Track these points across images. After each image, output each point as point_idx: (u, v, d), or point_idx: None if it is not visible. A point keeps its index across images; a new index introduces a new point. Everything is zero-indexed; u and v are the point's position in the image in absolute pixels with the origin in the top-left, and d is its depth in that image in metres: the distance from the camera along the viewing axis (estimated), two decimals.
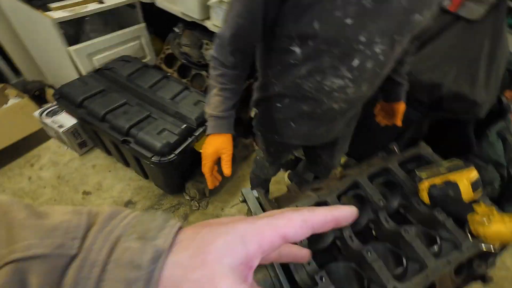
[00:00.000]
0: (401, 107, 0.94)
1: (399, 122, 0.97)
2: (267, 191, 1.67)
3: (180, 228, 0.20)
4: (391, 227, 0.63)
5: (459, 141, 1.48)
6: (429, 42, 1.17)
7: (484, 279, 0.60)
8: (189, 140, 1.31)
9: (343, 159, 1.71)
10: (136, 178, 1.70)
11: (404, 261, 0.59)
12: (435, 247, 0.62)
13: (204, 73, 1.62)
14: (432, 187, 0.63)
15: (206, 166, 0.77)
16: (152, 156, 1.20)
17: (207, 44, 1.55)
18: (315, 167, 1.25)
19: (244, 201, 0.67)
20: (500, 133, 1.63)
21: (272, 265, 0.54)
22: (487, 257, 0.61)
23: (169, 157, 1.22)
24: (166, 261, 0.18)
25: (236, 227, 0.19)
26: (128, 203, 1.59)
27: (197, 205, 1.63)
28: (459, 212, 0.58)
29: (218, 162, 0.77)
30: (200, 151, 1.36)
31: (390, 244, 0.63)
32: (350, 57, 0.62)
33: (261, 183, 1.32)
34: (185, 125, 1.31)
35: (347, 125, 0.98)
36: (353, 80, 0.66)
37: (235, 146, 1.88)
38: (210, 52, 1.56)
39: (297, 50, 0.64)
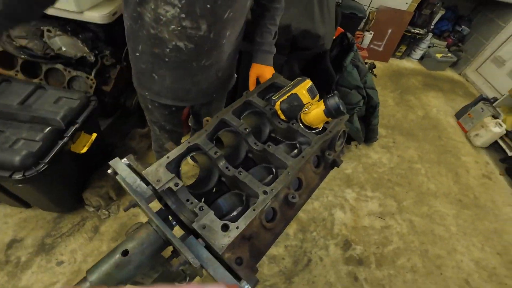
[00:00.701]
0: (252, 70, 0.95)
1: (249, 86, 0.97)
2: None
3: None
4: (259, 147, 0.70)
5: (325, 76, 1.75)
6: None
7: (336, 163, 0.76)
8: (60, 143, 1.12)
9: None
10: (14, 212, 1.39)
11: (273, 170, 0.68)
12: (295, 151, 0.73)
13: (59, 66, 1.38)
14: (281, 103, 0.72)
15: None
16: (12, 174, 0.99)
17: (49, 31, 1.30)
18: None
19: (115, 173, 0.63)
20: (353, 63, 2.00)
21: (150, 218, 0.54)
22: (333, 144, 0.76)
23: (38, 168, 1.02)
24: None
25: None
26: (12, 243, 1.30)
27: (106, 212, 1.46)
28: (299, 115, 0.70)
29: None
30: (82, 152, 1.21)
31: (265, 163, 0.72)
32: None
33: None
34: (49, 128, 1.11)
35: (222, 86, 1.01)
36: (182, 9, 0.67)
37: (131, 138, 1.72)
38: (57, 40, 1.33)
39: None
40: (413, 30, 3.33)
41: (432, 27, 3.49)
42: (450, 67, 3.80)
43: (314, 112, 0.61)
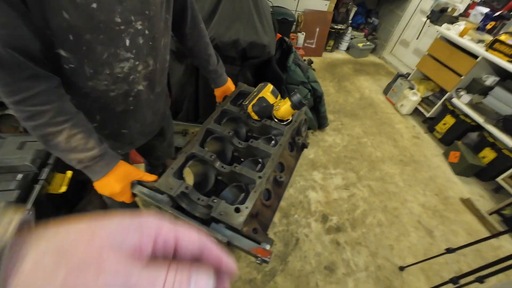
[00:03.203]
0: (218, 93, 1.06)
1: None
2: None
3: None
4: (244, 145, 0.85)
5: (275, 78, 1.97)
6: (217, 7, 1.45)
7: (305, 146, 0.94)
8: (37, 187, 1.10)
9: None
10: None
11: (260, 160, 0.84)
12: (273, 142, 0.90)
13: (11, 111, 1.31)
14: (253, 106, 0.88)
15: (126, 199, 0.72)
16: None
17: None
18: (157, 162, 1.26)
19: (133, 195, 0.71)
20: (295, 62, 2.28)
21: (175, 217, 0.64)
22: (299, 131, 0.95)
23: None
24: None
25: (136, 216, 0.20)
26: None
27: None
28: (272, 112, 0.87)
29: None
30: (61, 191, 1.19)
31: (251, 157, 0.86)
32: (120, 39, 0.62)
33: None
34: (21, 175, 1.08)
35: (166, 103, 1.02)
36: (135, 57, 0.68)
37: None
38: None
39: (62, 52, 0.57)
40: (336, 27, 3.83)
41: (350, 22, 4.06)
42: (371, 53, 4.46)
43: (283, 108, 0.78)
